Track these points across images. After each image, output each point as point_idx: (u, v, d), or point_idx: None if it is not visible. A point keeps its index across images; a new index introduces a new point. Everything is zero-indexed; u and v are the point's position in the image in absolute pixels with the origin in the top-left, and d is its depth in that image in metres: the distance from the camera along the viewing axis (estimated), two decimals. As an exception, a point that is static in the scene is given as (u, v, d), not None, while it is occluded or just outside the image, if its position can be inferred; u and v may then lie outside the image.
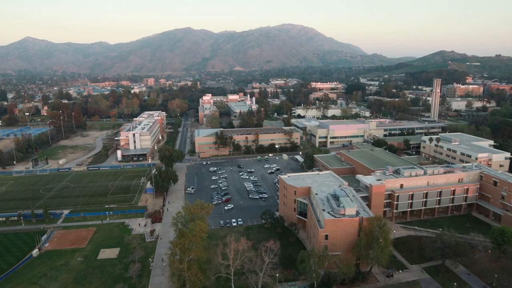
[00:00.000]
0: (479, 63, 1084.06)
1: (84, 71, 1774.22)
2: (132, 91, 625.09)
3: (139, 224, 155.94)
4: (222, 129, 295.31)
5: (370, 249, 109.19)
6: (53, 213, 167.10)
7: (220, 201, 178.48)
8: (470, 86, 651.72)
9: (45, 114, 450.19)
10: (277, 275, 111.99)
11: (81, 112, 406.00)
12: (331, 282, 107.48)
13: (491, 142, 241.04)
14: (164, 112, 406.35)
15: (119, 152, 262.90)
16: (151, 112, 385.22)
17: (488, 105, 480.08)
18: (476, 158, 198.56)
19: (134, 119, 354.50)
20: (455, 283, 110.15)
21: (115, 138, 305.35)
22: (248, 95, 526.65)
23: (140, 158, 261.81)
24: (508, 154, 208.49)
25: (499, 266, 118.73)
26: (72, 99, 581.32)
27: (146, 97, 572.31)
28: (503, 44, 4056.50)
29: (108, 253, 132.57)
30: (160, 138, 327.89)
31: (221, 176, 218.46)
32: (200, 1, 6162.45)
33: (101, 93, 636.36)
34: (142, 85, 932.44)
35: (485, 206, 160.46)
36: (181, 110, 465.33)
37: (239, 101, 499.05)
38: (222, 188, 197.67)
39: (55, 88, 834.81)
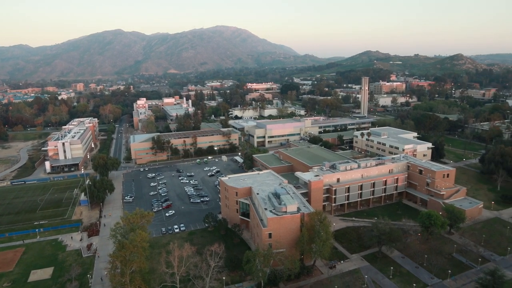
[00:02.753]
0: (400, 62, 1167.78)
1: (2, 77, 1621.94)
2: (60, 98, 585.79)
3: (71, 238, 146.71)
4: (158, 133, 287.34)
5: (312, 243, 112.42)
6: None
7: (160, 208, 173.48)
8: (394, 83, 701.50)
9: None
10: (224, 278, 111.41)
11: (1, 122, 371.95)
12: (278, 279, 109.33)
13: (415, 134, 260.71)
14: (96, 119, 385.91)
15: (47, 164, 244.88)
16: (81, 119, 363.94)
17: (410, 100, 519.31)
18: (403, 150, 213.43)
19: (63, 127, 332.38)
20: (392, 267, 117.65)
21: (43, 149, 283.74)
22: (184, 98, 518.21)
23: (72, 169, 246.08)
24: (429, 145, 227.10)
25: (428, 247, 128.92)
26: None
27: (75, 103, 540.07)
28: (420, 45, 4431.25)
29: (40, 274, 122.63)
30: (93, 146, 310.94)
31: (160, 182, 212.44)
32: (130, 2, 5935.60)
33: (23, 100, 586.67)
34: (71, 90, 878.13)
35: (413, 193, 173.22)
36: (114, 115, 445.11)
37: (175, 104, 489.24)
38: (162, 194, 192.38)
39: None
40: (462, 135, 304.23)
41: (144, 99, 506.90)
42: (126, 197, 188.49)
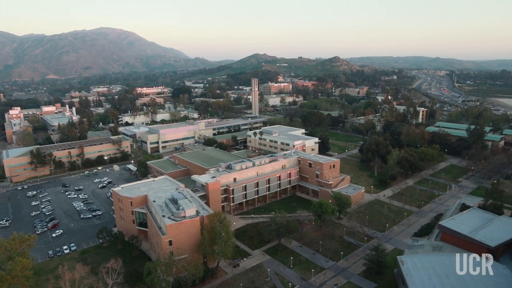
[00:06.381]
0: (286, 64, 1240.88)
1: None
2: None
3: None
4: (38, 146, 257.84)
5: (214, 244, 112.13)
6: None
7: (45, 229, 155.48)
8: (282, 84, 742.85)
9: None
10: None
11: None
12: (182, 286, 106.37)
13: (303, 131, 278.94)
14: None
15: None
16: None
17: (297, 99, 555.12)
18: (293, 146, 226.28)
19: None
20: (291, 257, 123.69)
21: None
22: (67, 106, 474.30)
23: None
24: (316, 139, 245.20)
25: (322, 233, 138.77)
26: None
27: None
28: (304, 48, 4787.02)
29: None
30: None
31: (43, 200, 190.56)
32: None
33: None
34: None
35: (305, 185, 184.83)
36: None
37: (56, 112, 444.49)
38: (46, 214, 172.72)
39: None
40: (343, 129, 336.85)
41: (19, 108, 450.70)
42: (1, 222, 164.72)
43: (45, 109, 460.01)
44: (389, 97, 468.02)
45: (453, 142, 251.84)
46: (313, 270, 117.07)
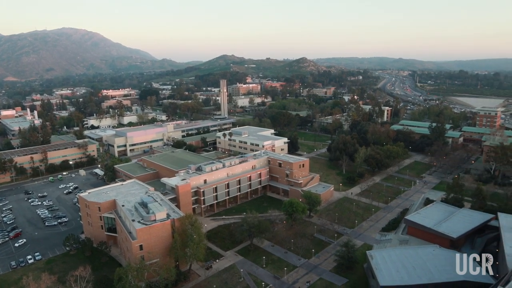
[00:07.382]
0: (254, 65, 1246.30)
1: None
2: None
3: None
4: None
5: (186, 247, 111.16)
6: None
7: (7, 239, 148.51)
8: (250, 85, 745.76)
9: None
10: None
11: None
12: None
13: (272, 131, 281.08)
14: None
15: None
16: None
17: (266, 100, 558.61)
18: (263, 146, 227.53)
19: None
20: (264, 257, 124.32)
21: None
22: (28, 109, 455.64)
23: None
24: (285, 139, 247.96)
25: (293, 232, 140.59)
26: None
27: None
28: (271, 49, 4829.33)
29: None
30: None
31: (3, 209, 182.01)
32: None
33: None
34: None
35: (275, 185, 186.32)
36: None
37: (16, 116, 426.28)
38: (8, 223, 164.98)
39: None
40: (312, 128, 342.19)
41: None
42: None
43: (4, 113, 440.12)
44: (355, 97, 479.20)
45: (416, 140, 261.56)
46: (285, 268, 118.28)
